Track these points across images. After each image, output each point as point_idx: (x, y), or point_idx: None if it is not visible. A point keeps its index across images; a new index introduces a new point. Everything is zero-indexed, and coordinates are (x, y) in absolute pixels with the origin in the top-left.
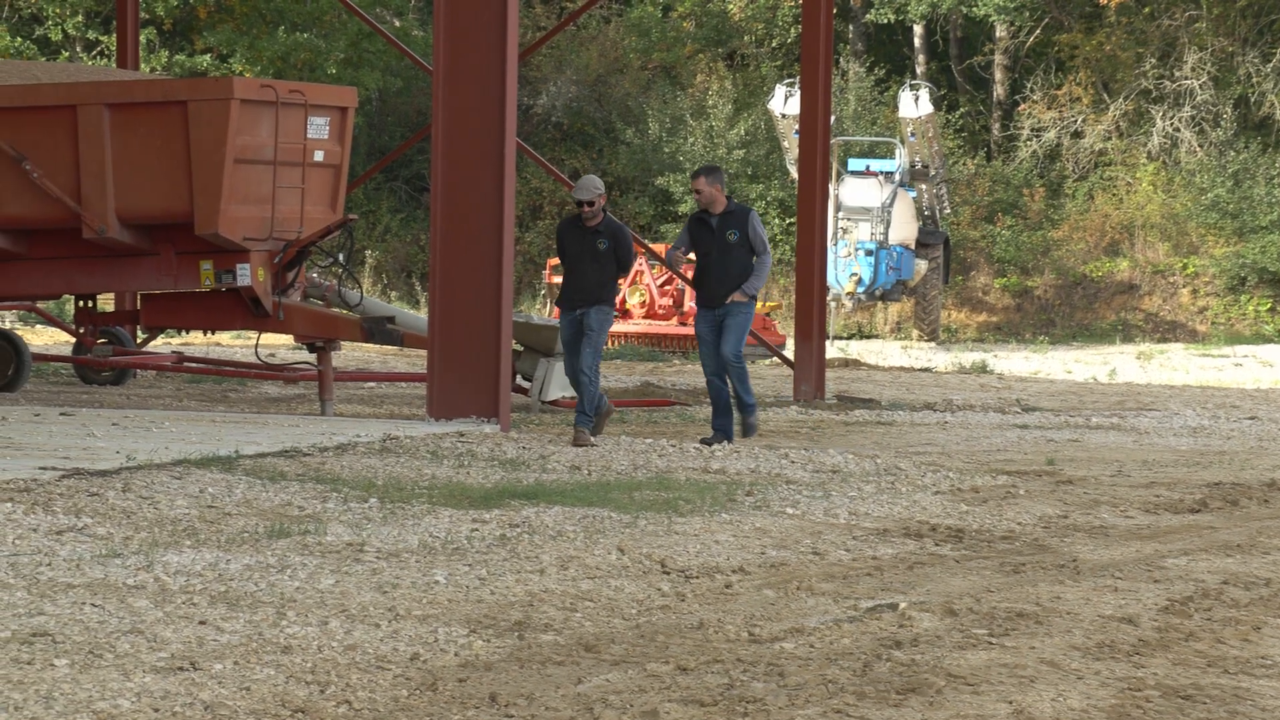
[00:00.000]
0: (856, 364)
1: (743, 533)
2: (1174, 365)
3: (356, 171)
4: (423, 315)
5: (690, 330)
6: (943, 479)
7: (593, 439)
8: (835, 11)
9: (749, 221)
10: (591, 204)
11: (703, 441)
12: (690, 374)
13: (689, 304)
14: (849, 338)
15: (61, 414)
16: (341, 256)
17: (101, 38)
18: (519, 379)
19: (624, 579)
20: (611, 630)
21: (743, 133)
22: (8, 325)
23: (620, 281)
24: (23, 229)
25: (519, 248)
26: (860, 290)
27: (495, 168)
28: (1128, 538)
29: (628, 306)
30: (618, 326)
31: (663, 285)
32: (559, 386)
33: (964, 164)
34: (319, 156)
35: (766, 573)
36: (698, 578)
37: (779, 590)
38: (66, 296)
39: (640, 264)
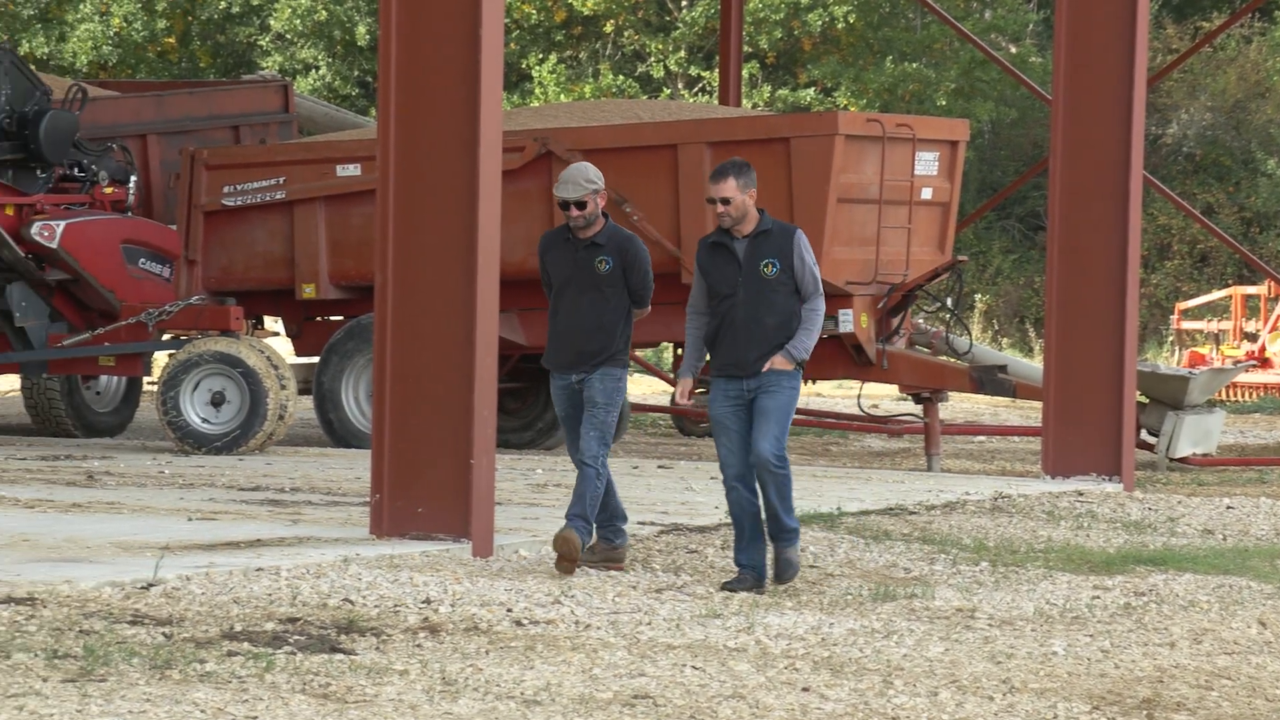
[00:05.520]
0: None
1: None
2: None
3: (966, 210)
4: (1037, 364)
5: None
6: None
7: (603, 562)
8: None
9: (796, 247)
10: (582, 205)
11: (725, 586)
12: None
13: None
14: None
15: (659, 466)
16: (950, 301)
17: (703, 73)
18: (1144, 434)
19: (1266, 655)
20: (1252, 712)
21: None
22: None
23: (639, 323)
24: None
25: (1144, 290)
26: None
27: (1119, 204)
28: None
29: (1268, 354)
30: (1256, 376)
31: None
32: (1189, 442)
33: None
34: (927, 194)
35: None
36: None
37: None
38: (664, 344)
39: None
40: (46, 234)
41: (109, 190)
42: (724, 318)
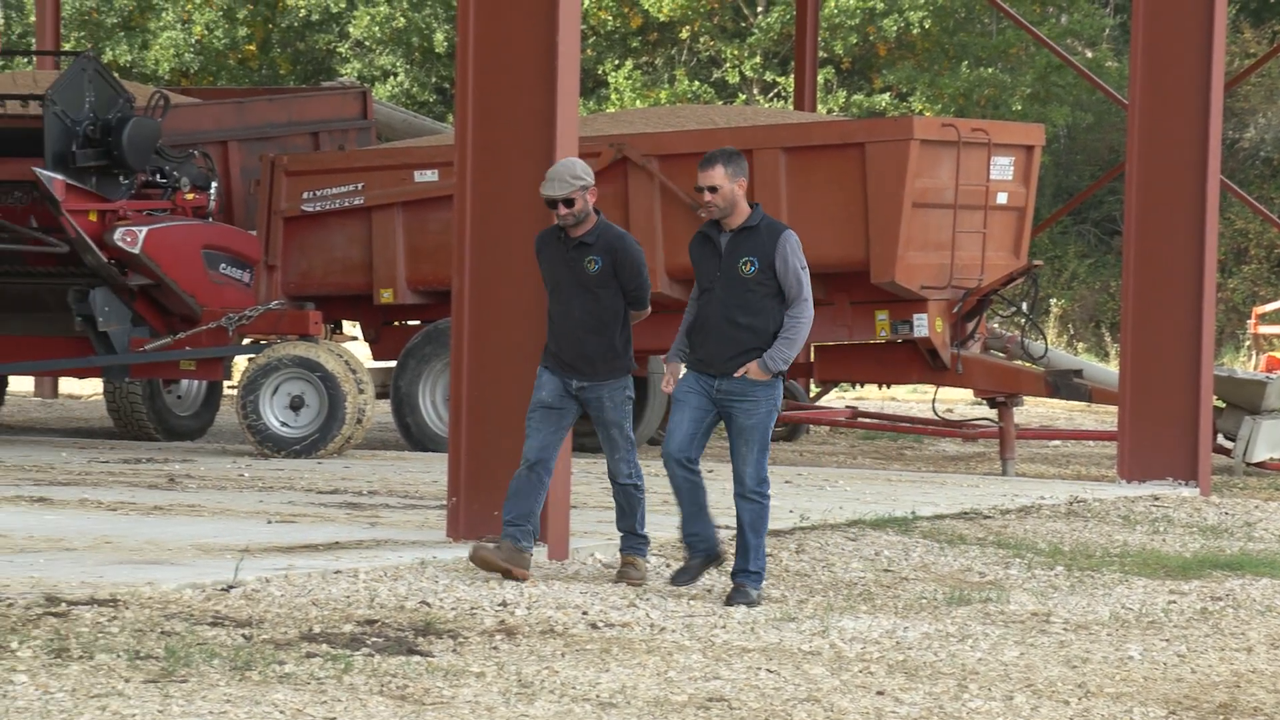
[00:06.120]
0: None
1: None
2: None
3: (1042, 214)
4: (1113, 368)
5: None
6: None
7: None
8: None
9: (780, 248)
10: (570, 203)
11: (673, 579)
12: None
13: None
14: None
15: None
16: (1025, 305)
17: (779, 79)
18: (1220, 438)
19: None
20: None
21: None
22: None
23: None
24: (689, 280)
25: (1220, 295)
26: None
27: (1195, 208)
28: None
29: None
30: None
31: None
32: (1266, 447)
33: None
34: (1002, 199)
35: None
36: None
37: None
38: None
39: None
40: (129, 239)
41: (190, 196)
42: (701, 312)
